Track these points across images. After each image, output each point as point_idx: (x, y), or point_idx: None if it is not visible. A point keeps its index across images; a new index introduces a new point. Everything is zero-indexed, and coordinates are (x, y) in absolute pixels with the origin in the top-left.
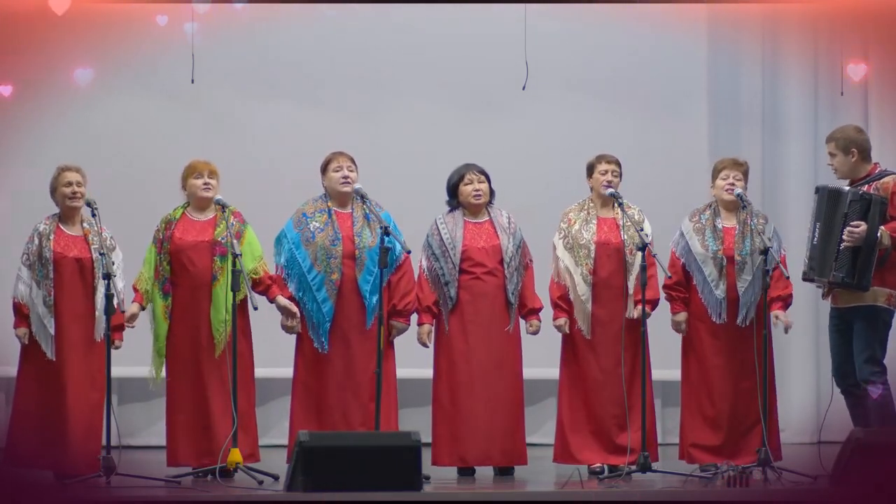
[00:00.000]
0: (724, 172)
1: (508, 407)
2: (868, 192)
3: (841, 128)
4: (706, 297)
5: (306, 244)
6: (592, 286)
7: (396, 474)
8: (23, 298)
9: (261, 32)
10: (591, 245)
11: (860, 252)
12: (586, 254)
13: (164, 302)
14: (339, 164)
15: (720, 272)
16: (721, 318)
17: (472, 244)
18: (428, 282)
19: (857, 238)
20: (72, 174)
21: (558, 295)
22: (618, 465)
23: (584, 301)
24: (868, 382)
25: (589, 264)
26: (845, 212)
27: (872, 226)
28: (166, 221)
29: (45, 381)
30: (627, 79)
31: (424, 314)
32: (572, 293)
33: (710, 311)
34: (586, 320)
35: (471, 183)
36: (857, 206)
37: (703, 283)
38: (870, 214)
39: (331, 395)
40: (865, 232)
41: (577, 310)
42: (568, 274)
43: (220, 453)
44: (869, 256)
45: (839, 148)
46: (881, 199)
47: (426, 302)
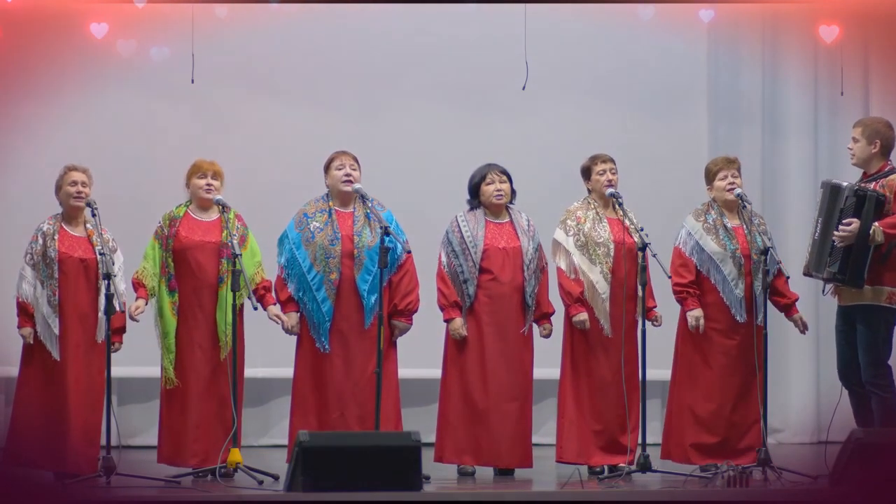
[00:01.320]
0: (722, 172)
1: (518, 409)
2: (864, 188)
3: (873, 117)
4: (727, 295)
5: (306, 244)
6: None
7: (396, 474)
8: (27, 298)
9: (261, 32)
10: (609, 244)
11: (852, 249)
12: (605, 252)
13: (171, 298)
14: (341, 162)
15: (739, 270)
16: (742, 317)
17: (492, 244)
18: (450, 277)
19: (848, 236)
20: (77, 174)
21: (580, 290)
22: (618, 464)
23: (605, 300)
24: (872, 385)
25: (609, 263)
26: (841, 207)
27: (866, 222)
28: (170, 218)
29: (47, 381)
30: (627, 79)
31: (451, 309)
32: (589, 291)
33: (732, 310)
34: (607, 319)
35: (493, 183)
36: (852, 201)
37: (724, 282)
38: (864, 210)
39: (331, 395)
40: (857, 229)
41: (598, 309)
42: (582, 272)
43: (219, 454)
44: (861, 253)
45: (864, 135)
46: (877, 195)
47: (452, 297)
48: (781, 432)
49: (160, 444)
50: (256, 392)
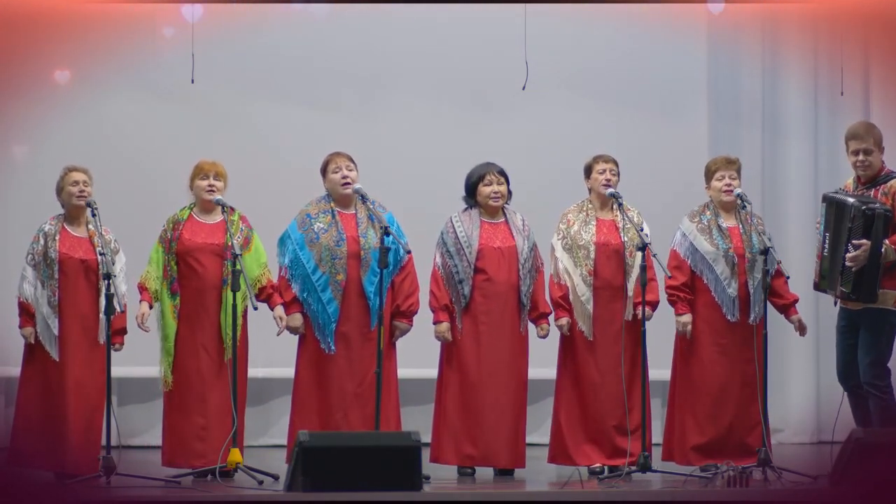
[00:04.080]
0: (720, 173)
1: (513, 409)
2: (871, 207)
3: (866, 126)
4: (719, 295)
5: (311, 245)
6: (593, 287)
7: (396, 474)
8: (28, 298)
9: (261, 32)
10: (590, 246)
11: (864, 269)
12: (585, 255)
13: (173, 302)
14: (337, 164)
15: (732, 270)
16: (734, 317)
17: (487, 244)
18: (442, 279)
19: (860, 260)
20: (78, 174)
21: (560, 295)
22: (617, 465)
23: (585, 302)
24: (871, 385)
25: (589, 265)
26: (849, 227)
27: (876, 241)
28: (174, 221)
29: (47, 381)
30: (627, 79)
31: (441, 312)
32: (572, 294)
33: (724, 310)
34: (587, 321)
35: (490, 184)
36: (860, 222)
37: (716, 282)
38: (873, 230)
39: (333, 396)
40: (868, 251)
41: (578, 311)
42: (567, 275)
43: (219, 454)
44: (873, 272)
45: (876, 145)
46: (884, 212)
47: (443, 300)
48: (781, 432)
49: (164, 447)
50: (256, 392)
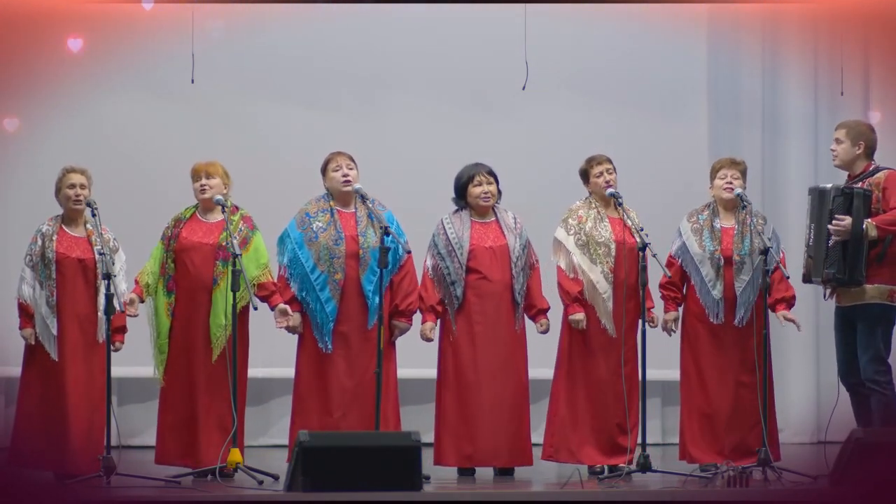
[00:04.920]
0: (722, 172)
1: (514, 407)
2: (850, 186)
3: (856, 120)
4: (703, 297)
5: (309, 244)
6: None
7: (396, 474)
8: (27, 299)
9: (261, 32)
10: (611, 243)
11: (848, 246)
12: (606, 252)
13: (168, 299)
14: (337, 163)
15: (717, 272)
16: (718, 319)
17: (478, 244)
18: (433, 281)
19: (843, 231)
20: (76, 176)
21: (578, 290)
22: (617, 464)
23: (607, 299)
24: (872, 382)
25: (610, 262)
26: (830, 208)
27: (858, 219)
28: (176, 220)
29: (47, 381)
30: (627, 79)
31: (428, 313)
32: (590, 291)
33: (707, 312)
34: (609, 318)
35: (480, 185)
36: (840, 200)
37: (701, 284)
38: (854, 207)
39: (332, 395)
40: (850, 225)
41: (600, 309)
42: (582, 271)
43: (209, 455)
44: (857, 250)
45: (849, 136)
46: (863, 191)
47: (430, 301)
48: (781, 432)
49: (157, 445)
50: (256, 392)
